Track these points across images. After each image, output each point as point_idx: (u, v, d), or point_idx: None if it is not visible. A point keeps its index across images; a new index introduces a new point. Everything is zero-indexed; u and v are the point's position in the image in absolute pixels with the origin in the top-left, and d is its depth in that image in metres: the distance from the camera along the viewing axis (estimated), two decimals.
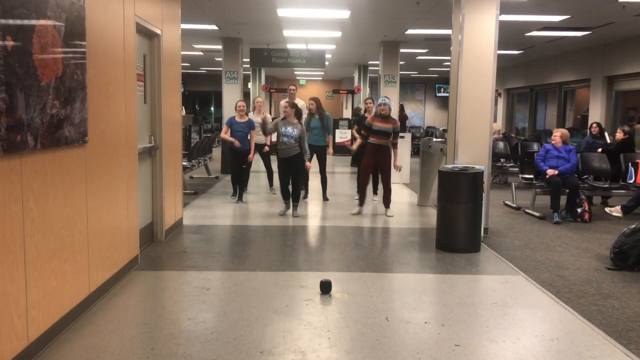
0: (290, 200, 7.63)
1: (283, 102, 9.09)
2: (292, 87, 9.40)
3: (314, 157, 8.40)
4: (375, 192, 8.86)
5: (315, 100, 8.73)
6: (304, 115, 8.08)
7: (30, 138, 3.04)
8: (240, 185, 8.61)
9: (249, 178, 8.88)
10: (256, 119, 8.67)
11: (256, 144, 8.57)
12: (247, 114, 8.61)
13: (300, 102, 9.22)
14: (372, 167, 7.60)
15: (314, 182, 9.47)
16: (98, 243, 4.10)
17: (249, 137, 8.35)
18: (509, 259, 5.62)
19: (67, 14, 3.47)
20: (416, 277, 5.02)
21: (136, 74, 5.06)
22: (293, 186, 7.69)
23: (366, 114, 8.90)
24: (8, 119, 2.82)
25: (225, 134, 8.46)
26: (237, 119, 8.46)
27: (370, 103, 9.28)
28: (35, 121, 3.09)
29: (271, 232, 6.64)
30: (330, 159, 9.59)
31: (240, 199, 8.53)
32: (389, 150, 7.55)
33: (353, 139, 10.01)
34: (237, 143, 8.26)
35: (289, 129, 7.32)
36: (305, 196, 8.82)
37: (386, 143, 7.46)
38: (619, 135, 9.16)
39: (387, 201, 7.71)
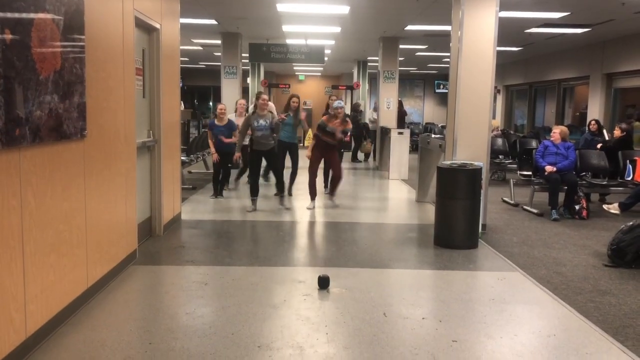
0: (257, 196, 7.56)
1: (241, 101, 9.18)
2: (265, 97, 8.37)
3: (287, 153, 8.45)
4: (326, 187, 8.91)
5: (298, 97, 8.72)
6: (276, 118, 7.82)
7: (29, 132, 3.04)
8: (220, 181, 8.53)
9: (230, 175, 8.84)
10: (240, 119, 8.58)
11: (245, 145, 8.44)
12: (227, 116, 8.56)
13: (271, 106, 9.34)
14: (319, 161, 7.88)
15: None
16: (96, 237, 4.10)
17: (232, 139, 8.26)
18: (507, 255, 5.63)
19: (66, 8, 3.46)
20: (414, 273, 5.03)
21: (135, 69, 5.05)
22: (277, 178, 7.69)
23: (329, 111, 9.02)
24: (6, 112, 2.81)
25: (211, 141, 8.46)
26: (217, 122, 8.42)
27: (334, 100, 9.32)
28: (34, 115, 3.09)
29: (270, 227, 6.64)
30: None
31: (220, 193, 8.45)
32: (335, 149, 7.99)
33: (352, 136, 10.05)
34: (215, 157, 8.29)
35: (262, 122, 7.32)
36: (283, 192, 8.00)
37: (334, 142, 7.82)
38: (617, 132, 9.16)
39: (333, 188, 8.07)
